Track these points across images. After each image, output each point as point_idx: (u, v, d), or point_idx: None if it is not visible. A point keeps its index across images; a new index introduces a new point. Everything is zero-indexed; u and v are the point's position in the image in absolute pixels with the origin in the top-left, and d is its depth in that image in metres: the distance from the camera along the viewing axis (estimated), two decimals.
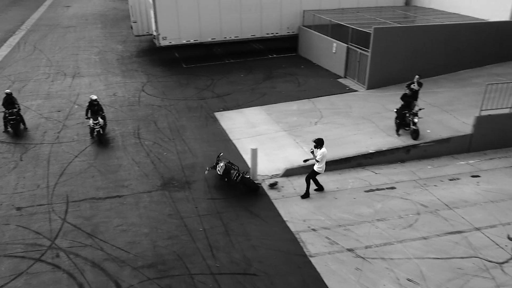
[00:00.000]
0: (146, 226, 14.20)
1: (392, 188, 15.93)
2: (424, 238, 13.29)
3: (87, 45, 37.06)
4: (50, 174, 17.29)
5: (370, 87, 24.06)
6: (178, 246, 13.26)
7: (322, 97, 23.65)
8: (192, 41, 30.56)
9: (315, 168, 15.12)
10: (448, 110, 20.53)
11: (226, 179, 16.19)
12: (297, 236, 13.54)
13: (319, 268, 12.21)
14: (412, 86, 19.95)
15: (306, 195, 15.45)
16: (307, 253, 12.81)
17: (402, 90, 22.79)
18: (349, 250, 12.87)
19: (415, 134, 18.04)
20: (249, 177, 16.27)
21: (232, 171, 16.16)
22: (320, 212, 14.65)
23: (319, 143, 14.95)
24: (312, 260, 12.53)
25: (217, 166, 16.35)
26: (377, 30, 22.95)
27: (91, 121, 19.68)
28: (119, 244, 13.38)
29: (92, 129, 19.87)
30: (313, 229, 13.80)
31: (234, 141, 19.47)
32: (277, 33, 31.83)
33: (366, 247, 12.97)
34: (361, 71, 24.60)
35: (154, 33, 30.35)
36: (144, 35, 34.89)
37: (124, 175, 17.17)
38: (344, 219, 14.28)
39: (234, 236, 13.64)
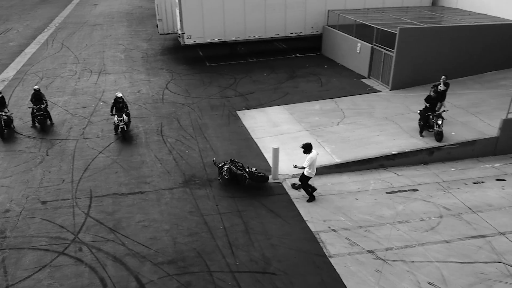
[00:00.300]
0: (167, 223, 14.31)
1: (415, 190, 15.72)
2: (446, 242, 13.07)
3: (113, 43, 37.52)
4: (74, 169, 17.55)
5: (394, 87, 23.78)
6: (198, 243, 13.33)
7: (345, 97, 23.48)
8: (216, 39, 30.66)
9: (305, 172, 14.94)
10: (473, 112, 20.16)
11: (236, 183, 16.28)
12: (317, 236, 13.47)
13: (338, 269, 12.12)
14: (439, 87, 19.62)
15: (311, 199, 15.32)
16: (326, 253, 12.73)
17: (426, 92, 22.50)
18: (369, 251, 12.75)
19: (439, 136, 17.76)
20: (254, 170, 16.33)
21: (238, 174, 16.06)
22: (341, 212, 14.54)
23: (307, 148, 14.82)
24: (332, 260, 12.45)
25: (222, 171, 16.27)
26: (402, 30, 22.66)
27: (115, 118, 19.91)
28: (140, 240, 13.51)
29: (116, 126, 20.11)
30: (333, 230, 13.71)
31: (256, 140, 19.46)
32: (301, 32, 31.71)
33: (387, 249, 12.82)
34: (385, 72, 24.34)
35: (179, 32, 30.55)
36: (169, 34, 35.16)
37: (147, 171, 17.32)
38: (365, 220, 14.15)
39: (254, 235, 13.64)
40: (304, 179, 15.10)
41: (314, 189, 15.53)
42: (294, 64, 29.84)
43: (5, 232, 13.95)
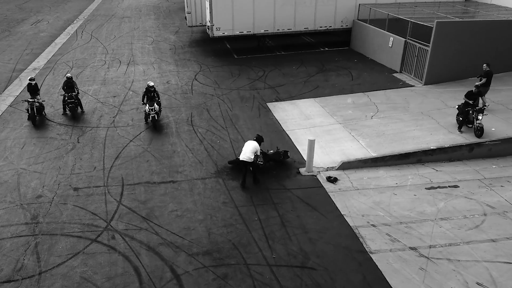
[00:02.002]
0: (200, 213, 13.73)
1: (455, 186, 14.89)
2: (493, 241, 12.25)
3: (141, 34, 37.13)
4: (106, 157, 17.09)
5: (428, 82, 22.84)
6: (234, 235, 12.72)
7: (378, 91, 22.63)
8: (245, 32, 29.99)
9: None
10: None
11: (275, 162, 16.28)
12: (356, 231, 12.76)
13: (380, 266, 11.40)
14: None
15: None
16: (367, 249, 12.02)
17: (462, 87, 21.72)
18: (411, 248, 11.99)
19: (480, 132, 16.86)
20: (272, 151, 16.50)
21: (275, 153, 16.28)
22: (379, 207, 13.80)
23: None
24: (373, 257, 11.73)
25: (258, 159, 15.72)
26: (439, 24, 21.70)
27: (147, 107, 19.41)
28: (174, 230, 12.96)
29: (147, 115, 19.62)
30: (373, 225, 12.98)
31: (288, 132, 18.78)
32: (330, 26, 30.86)
33: (430, 247, 12.05)
34: (419, 66, 23.41)
35: (208, 24, 29.96)
36: (197, 26, 34.61)
37: (178, 161, 16.78)
38: (405, 216, 13.38)
39: (290, 228, 12.98)
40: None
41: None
42: (323, 58, 29.03)
43: (37, 218, 13.52)
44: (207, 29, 30.72)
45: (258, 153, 14.98)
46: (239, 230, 12.94)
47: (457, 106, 18.02)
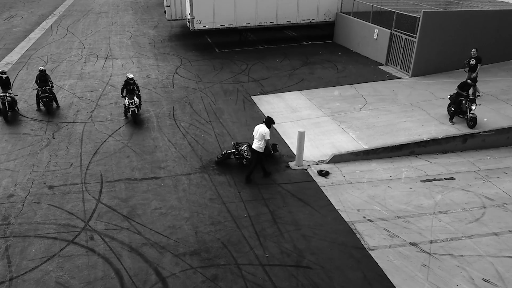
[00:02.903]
0: (186, 210, 12.74)
1: (451, 178, 14.21)
2: (495, 234, 11.56)
3: (119, 29, 35.80)
4: (83, 153, 15.96)
5: (415, 74, 22.22)
6: (222, 233, 11.77)
7: (364, 84, 21.91)
8: (226, 25, 28.98)
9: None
10: (504, 99, 18.65)
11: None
12: (352, 226, 11.94)
13: (381, 263, 10.60)
14: (470, 61, 18.36)
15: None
16: (365, 245, 11.21)
17: (450, 78, 21.22)
18: (412, 244, 11.23)
19: (473, 122, 16.26)
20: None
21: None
22: (375, 201, 13.02)
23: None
24: (372, 253, 10.92)
25: (242, 154, 14.81)
26: (426, 14, 21.06)
27: (126, 100, 18.31)
28: (158, 229, 11.95)
29: (126, 109, 18.52)
30: (369, 220, 12.18)
31: (275, 126, 17.86)
32: (313, 19, 30.06)
33: (431, 242, 11.30)
34: (405, 58, 22.78)
35: (188, 17, 28.86)
36: (176, 20, 33.49)
37: (161, 156, 15.75)
38: (402, 210, 12.63)
39: (282, 225, 12.09)
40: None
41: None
42: (306, 51, 28.22)
43: (9, 219, 12.35)
44: (187, 23, 29.62)
45: (267, 137, 13.70)
46: (228, 228, 12.00)
47: (449, 96, 17.41)
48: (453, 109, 16.96)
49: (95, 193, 13.55)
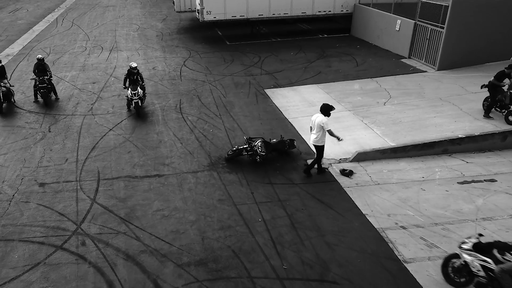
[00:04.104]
0: (192, 213, 11.19)
1: (492, 180, 12.52)
2: None
3: (126, 22, 34.42)
4: (80, 148, 14.48)
5: (442, 68, 20.47)
6: (233, 240, 10.21)
7: (386, 77, 20.22)
8: (238, 17, 27.42)
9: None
10: None
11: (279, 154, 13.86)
12: (383, 234, 10.32)
13: (419, 279, 8.97)
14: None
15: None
16: (400, 257, 9.59)
17: (480, 72, 19.49)
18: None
19: None
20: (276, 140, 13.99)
21: (279, 141, 13.76)
22: (407, 205, 11.38)
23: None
24: (409, 267, 9.30)
25: (256, 150, 13.21)
26: (456, 2, 19.30)
27: (129, 91, 16.80)
28: (160, 233, 10.41)
29: (129, 101, 17.02)
30: (402, 227, 10.56)
31: (291, 120, 16.32)
32: (329, 11, 28.38)
33: None
34: (431, 50, 21.05)
35: (198, 7, 27.35)
36: (185, 12, 32.03)
37: (165, 152, 14.22)
38: (439, 215, 10.98)
39: (302, 230, 10.50)
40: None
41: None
42: (322, 44, 26.57)
43: None
44: (197, 14, 28.13)
45: (327, 127, 12.07)
46: (239, 233, 10.42)
47: (482, 86, 15.61)
48: (490, 102, 15.23)
49: (90, 192, 12.04)
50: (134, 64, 17.15)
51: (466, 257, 8.42)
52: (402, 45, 23.12)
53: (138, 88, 16.82)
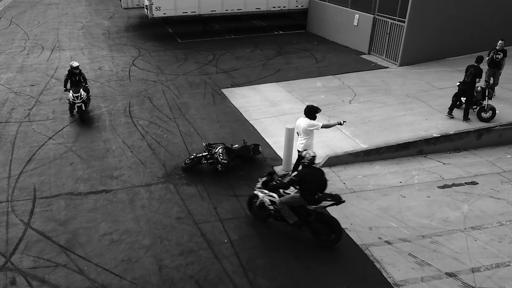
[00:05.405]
0: (146, 235, 9.39)
1: (473, 183, 11.39)
2: None
3: (70, 20, 31.76)
4: (14, 161, 12.31)
5: (404, 63, 19.43)
6: (196, 268, 8.49)
7: (349, 74, 18.97)
8: (189, 13, 25.53)
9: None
10: (510, 88, 16.05)
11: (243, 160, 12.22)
12: (367, 252, 8.90)
13: None
14: (497, 55, 15.14)
15: None
16: (390, 279, 8.18)
17: (444, 67, 18.62)
18: (449, 275, 8.28)
19: (492, 113, 13.54)
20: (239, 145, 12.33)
21: (243, 147, 12.09)
22: (389, 216, 10.04)
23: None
24: None
25: (217, 157, 11.53)
26: None
27: (70, 94, 14.70)
28: (108, 264, 8.55)
29: (72, 104, 14.90)
30: (387, 242, 9.18)
31: (252, 122, 14.72)
32: (284, 7, 26.94)
33: (473, 271, 8.41)
34: (392, 45, 19.98)
35: (146, 3, 25.26)
36: (133, 8, 29.86)
37: (114, 162, 12.29)
38: (425, 226, 9.69)
39: (276, 252, 8.92)
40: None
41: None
42: (279, 41, 25.08)
43: None
44: (145, 10, 26.03)
45: (319, 128, 10.41)
46: (203, 259, 8.73)
47: (458, 84, 14.49)
48: (462, 99, 14.17)
49: (24, 215, 10.00)
50: (75, 63, 15.04)
51: (260, 194, 9.47)
52: (361, 40, 21.99)
53: (81, 90, 14.75)
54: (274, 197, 9.23)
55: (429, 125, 13.68)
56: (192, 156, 11.91)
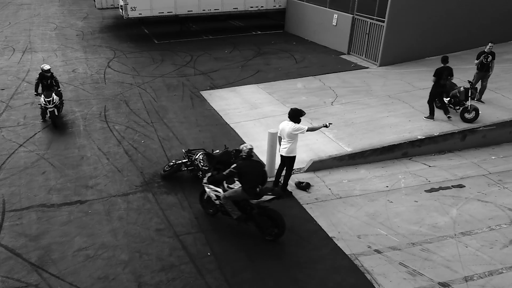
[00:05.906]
0: (124, 250, 8.78)
1: (460, 186, 11.10)
2: None
3: (42, 21, 30.63)
4: None
5: (384, 63, 19.13)
6: (178, 284, 7.93)
7: (330, 74, 18.58)
8: (165, 13, 24.81)
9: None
10: (492, 88, 15.86)
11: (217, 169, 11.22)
12: (356, 262, 8.47)
13: None
14: (483, 59, 14.83)
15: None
16: None
17: (424, 67, 18.48)
18: (443, 285, 7.92)
19: (475, 113, 13.30)
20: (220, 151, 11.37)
21: (215, 153, 11.18)
22: (377, 223, 9.65)
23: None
24: None
25: (197, 163, 10.96)
26: None
27: (42, 99, 13.93)
28: (83, 282, 7.92)
29: (44, 109, 14.12)
30: (377, 251, 8.78)
31: (233, 125, 14.19)
32: (262, 6, 26.43)
33: (466, 279, 8.06)
34: (372, 45, 19.68)
35: (121, 3, 24.44)
36: (108, 8, 28.90)
37: (89, 170, 11.61)
38: (414, 233, 9.33)
39: (262, 264, 8.39)
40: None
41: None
42: (257, 41, 24.59)
43: None
44: (120, 10, 25.20)
45: (304, 131, 9.99)
46: (185, 274, 8.17)
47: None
48: (448, 100, 13.91)
49: None
50: (46, 66, 14.26)
51: (207, 189, 9.42)
52: (340, 40, 21.64)
53: (53, 94, 13.99)
54: (219, 192, 9.18)
55: (413, 127, 13.37)
56: (172, 163, 11.33)
